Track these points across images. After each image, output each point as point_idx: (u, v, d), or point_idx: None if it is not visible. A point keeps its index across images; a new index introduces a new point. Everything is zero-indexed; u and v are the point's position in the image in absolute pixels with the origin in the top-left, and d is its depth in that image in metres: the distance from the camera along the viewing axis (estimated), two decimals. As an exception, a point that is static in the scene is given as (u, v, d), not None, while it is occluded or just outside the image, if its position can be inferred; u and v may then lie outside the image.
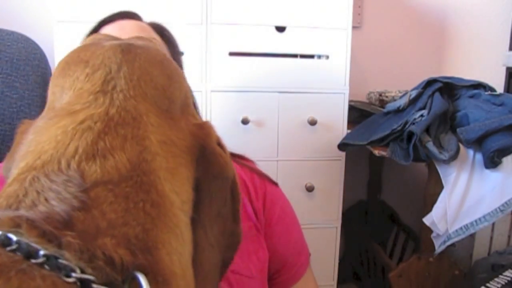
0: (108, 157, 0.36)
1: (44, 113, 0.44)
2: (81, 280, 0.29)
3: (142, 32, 0.81)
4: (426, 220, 1.28)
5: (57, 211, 0.32)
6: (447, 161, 1.24)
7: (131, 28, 0.81)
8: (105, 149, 0.37)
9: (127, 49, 0.46)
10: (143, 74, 0.44)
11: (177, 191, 0.40)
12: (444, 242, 1.26)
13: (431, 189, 1.34)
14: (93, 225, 0.33)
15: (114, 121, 0.39)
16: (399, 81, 1.88)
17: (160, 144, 0.40)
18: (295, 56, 1.48)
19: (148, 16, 1.30)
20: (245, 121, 1.43)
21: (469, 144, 1.26)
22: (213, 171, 0.45)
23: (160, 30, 0.88)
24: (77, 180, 0.34)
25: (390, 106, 1.44)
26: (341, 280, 1.70)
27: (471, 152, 1.28)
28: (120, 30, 0.81)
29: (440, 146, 1.26)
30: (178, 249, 0.37)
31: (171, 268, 0.36)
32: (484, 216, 1.22)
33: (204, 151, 0.44)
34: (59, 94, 0.43)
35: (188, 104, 0.48)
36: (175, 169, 0.41)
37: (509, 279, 1.30)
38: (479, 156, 1.26)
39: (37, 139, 0.39)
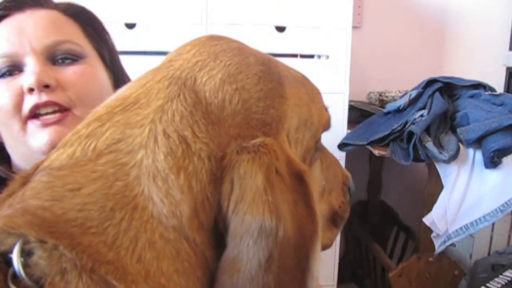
0: (74, 145, 0.35)
1: None
2: None
3: (52, 33, 0.58)
4: (426, 220, 1.28)
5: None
6: (447, 161, 1.24)
7: (34, 28, 0.58)
8: (80, 137, 0.36)
9: (215, 37, 0.42)
10: (207, 59, 0.39)
11: (155, 200, 0.32)
12: (444, 242, 1.26)
13: (431, 189, 1.34)
14: (7, 204, 0.34)
15: (123, 106, 0.37)
16: (399, 81, 1.87)
17: (157, 137, 0.34)
18: (295, 56, 1.48)
19: (148, 16, 1.29)
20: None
21: (469, 144, 1.26)
22: (239, 209, 0.32)
23: (74, 13, 0.63)
24: (31, 169, 0.37)
25: (390, 106, 1.44)
26: (341, 280, 1.70)
27: (471, 152, 1.28)
28: (18, 33, 0.57)
29: (440, 146, 1.26)
30: (137, 250, 0.31)
31: (107, 254, 0.30)
32: (484, 216, 1.22)
33: (235, 174, 0.33)
34: None
35: (267, 124, 0.37)
36: (163, 171, 0.33)
37: (509, 279, 1.30)
38: (479, 156, 1.26)
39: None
